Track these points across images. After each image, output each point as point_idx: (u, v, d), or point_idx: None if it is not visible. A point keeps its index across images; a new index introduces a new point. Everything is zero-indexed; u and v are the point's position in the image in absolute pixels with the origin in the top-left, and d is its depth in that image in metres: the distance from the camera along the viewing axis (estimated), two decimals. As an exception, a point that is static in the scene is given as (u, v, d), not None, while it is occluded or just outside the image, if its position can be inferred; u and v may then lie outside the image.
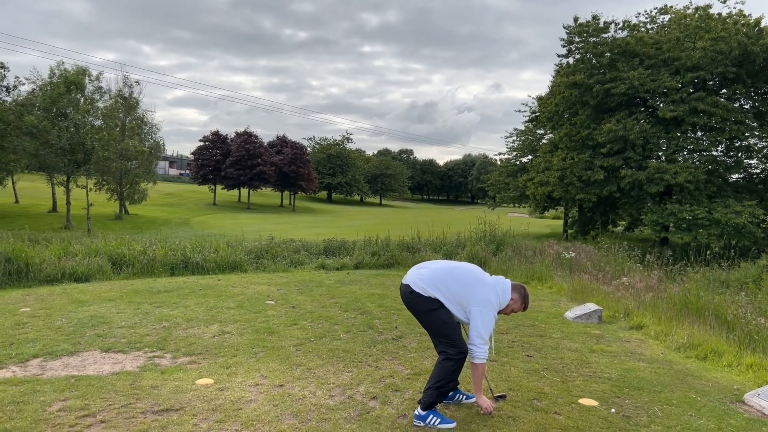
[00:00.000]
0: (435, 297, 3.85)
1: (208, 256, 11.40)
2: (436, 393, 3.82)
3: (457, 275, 3.92)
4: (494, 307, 3.87)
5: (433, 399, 3.83)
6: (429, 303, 3.86)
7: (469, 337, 3.84)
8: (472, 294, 3.83)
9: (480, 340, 3.78)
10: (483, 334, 3.78)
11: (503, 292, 3.93)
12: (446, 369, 3.81)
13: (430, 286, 3.87)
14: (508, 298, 3.94)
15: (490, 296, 3.86)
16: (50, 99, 31.12)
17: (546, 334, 6.64)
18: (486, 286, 3.90)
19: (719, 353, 5.88)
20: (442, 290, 3.85)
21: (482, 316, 3.80)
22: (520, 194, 38.75)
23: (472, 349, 3.80)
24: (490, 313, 3.83)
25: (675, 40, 27.50)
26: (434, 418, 3.83)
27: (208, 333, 6.10)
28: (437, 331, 3.91)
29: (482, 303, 3.82)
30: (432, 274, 3.93)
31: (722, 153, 29.07)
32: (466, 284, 3.87)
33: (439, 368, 3.85)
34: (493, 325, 3.86)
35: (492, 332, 3.90)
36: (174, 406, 4.02)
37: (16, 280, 9.12)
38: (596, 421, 4.03)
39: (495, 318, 3.88)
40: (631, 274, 11.02)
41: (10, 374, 4.60)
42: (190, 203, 56.97)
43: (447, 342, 3.85)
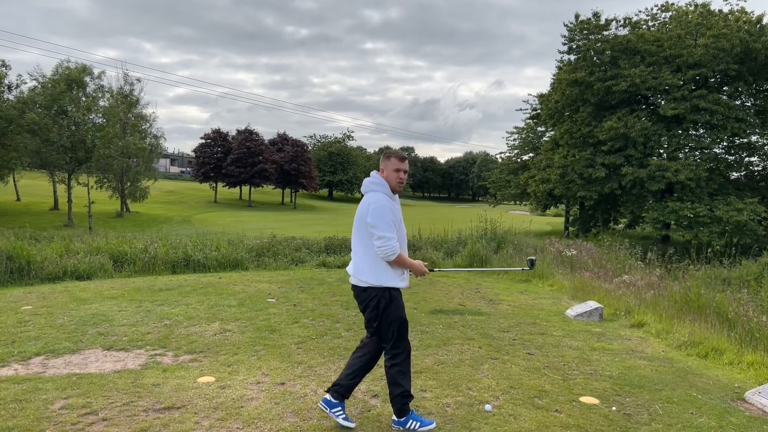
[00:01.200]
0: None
1: (209, 254, 11.41)
2: (401, 399, 3.71)
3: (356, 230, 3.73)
4: (383, 197, 3.63)
5: (402, 404, 3.71)
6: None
7: (373, 236, 3.57)
8: (364, 215, 3.62)
9: (382, 239, 3.52)
10: (381, 231, 3.51)
11: (377, 184, 3.70)
12: (393, 372, 3.74)
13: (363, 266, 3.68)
14: (381, 179, 3.70)
15: (374, 196, 3.65)
16: (51, 97, 31.15)
17: (547, 332, 6.64)
18: (366, 198, 3.70)
19: (720, 351, 5.88)
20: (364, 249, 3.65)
21: (372, 212, 3.55)
22: (521, 192, 38.78)
23: (378, 248, 3.54)
24: (378, 205, 3.55)
25: (676, 38, 27.45)
26: (413, 422, 3.72)
27: (210, 331, 6.11)
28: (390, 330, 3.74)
29: (368, 203, 3.61)
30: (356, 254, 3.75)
31: (724, 151, 29.04)
32: (361, 222, 3.66)
33: (387, 372, 3.77)
34: (388, 213, 3.55)
35: (392, 224, 3.57)
36: (176, 404, 4.02)
37: (17, 278, 9.14)
38: (597, 419, 4.04)
39: (388, 206, 3.59)
40: (633, 272, 11.02)
41: (12, 372, 4.61)
42: (191, 201, 56.99)
43: (386, 335, 3.73)
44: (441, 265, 12.64)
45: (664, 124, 27.37)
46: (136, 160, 40.00)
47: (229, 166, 58.90)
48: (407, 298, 8.41)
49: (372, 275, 3.62)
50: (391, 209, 3.61)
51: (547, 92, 34.95)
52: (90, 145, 31.60)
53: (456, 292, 9.22)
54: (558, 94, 31.75)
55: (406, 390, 3.71)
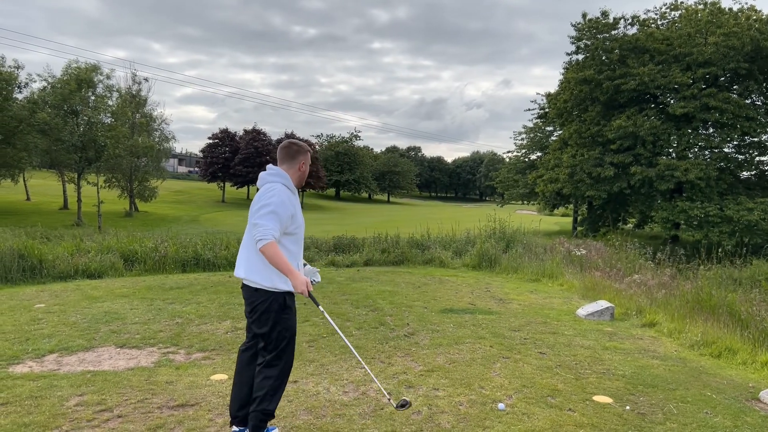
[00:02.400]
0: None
1: (218, 252, 11.45)
2: (261, 416, 3.33)
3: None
4: (274, 189, 3.26)
5: (260, 420, 3.34)
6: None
7: (250, 223, 3.25)
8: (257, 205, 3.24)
9: (256, 226, 3.13)
10: (259, 219, 3.14)
11: (273, 172, 3.37)
12: (267, 385, 3.34)
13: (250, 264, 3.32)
14: (284, 173, 3.37)
15: (270, 186, 3.30)
16: (61, 96, 31.37)
17: (558, 332, 6.62)
18: (262, 190, 3.33)
19: (733, 351, 5.84)
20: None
21: (259, 199, 3.24)
22: (529, 191, 38.68)
23: (256, 231, 3.10)
24: (270, 194, 3.21)
25: (686, 36, 27.30)
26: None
27: (221, 329, 6.13)
28: (275, 338, 3.37)
29: (260, 194, 3.29)
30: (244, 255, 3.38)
31: (734, 150, 28.86)
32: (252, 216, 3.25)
33: (260, 385, 3.34)
34: (273, 203, 3.17)
35: (281, 214, 3.18)
36: (189, 402, 4.04)
37: (30, 276, 9.21)
38: (611, 418, 4.02)
39: (284, 196, 3.24)
40: (643, 272, 10.97)
41: (27, 369, 4.65)
42: (200, 200, 57.21)
43: (278, 350, 3.36)
44: (450, 264, 12.63)
45: (674, 122, 27.22)
46: (145, 160, 40.21)
47: (236, 166, 59.07)
48: (417, 297, 8.41)
49: (267, 279, 3.24)
50: (289, 203, 3.27)
51: (556, 91, 34.83)
52: (101, 145, 31.80)
53: (466, 291, 9.20)
54: (566, 93, 31.64)
55: (271, 410, 3.35)
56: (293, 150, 3.45)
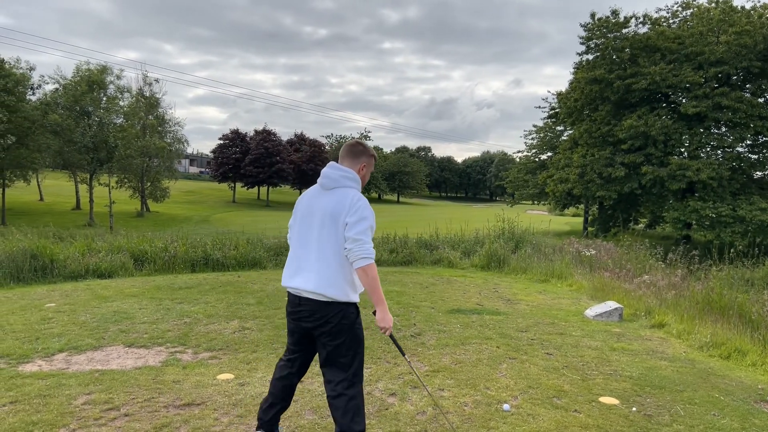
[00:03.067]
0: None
1: (228, 252, 11.50)
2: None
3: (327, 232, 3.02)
4: (362, 197, 3.07)
5: None
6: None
7: (348, 238, 2.93)
8: (342, 212, 2.98)
9: (356, 242, 2.91)
10: (359, 234, 2.92)
11: (352, 180, 3.12)
12: (353, 406, 3.08)
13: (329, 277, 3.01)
14: (356, 174, 3.15)
15: (351, 192, 3.04)
16: (73, 97, 31.69)
17: (566, 332, 6.59)
18: (338, 193, 3.06)
19: (743, 352, 5.79)
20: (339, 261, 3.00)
21: (358, 212, 2.95)
22: (539, 191, 38.52)
23: (351, 251, 2.91)
24: (364, 204, 3.00)
25: (698, 35, 27.04)
26: None
27: (229, 329, 6.17)
28: (352, 355, 3.14)
29: (353, 200, 2.99)
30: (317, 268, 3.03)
31: (747, 149, 28.55)
32: (333, 222, 3.00)
33: (343, 411, 3.08)
34: (371, 216, 3.00)
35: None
36: (196, 401, 4.07)
37: (41, 276, 9.30)
38: (617, 419, 4.00)
39: (368, 205, 3.06)
40: (653, 272, 10.89)
41: (37, 368, 4.70)
42: (210, 201, 57.53)
43: (351, 365, 3.12)
44: (458, 264, 12.62)
45: (685, 122, 26.98)
46: (157, 161, 40.51)
47: (247, 167, 59.37)
48: (424, 298, 8.41)
49: (339, 289, 3.01)
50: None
51: (566, 91, 34.66)
52: (112, 146, 32.09)
53: (474, 292, 9.19)
54: (577, 92, 31.46)
55: (362, 430, 3.07)
56: (358, 150, 3.22)
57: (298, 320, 3.15)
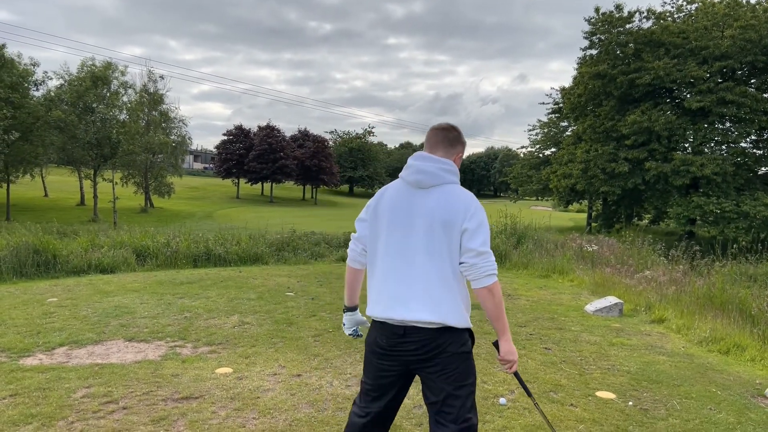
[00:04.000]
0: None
1: (230, 248, 11.54)
2: None
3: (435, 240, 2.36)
4: (472, 194, 2.45)
5: None
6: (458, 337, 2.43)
7: (466, 261, 2.35)
8: (457, 218, 2.35)
9: (487, 254, 2.35)
10: (487, 242, 2.36)
11: (454, 172, 2.49)
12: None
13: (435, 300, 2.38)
14: (454, 164, 2.52)
15: (461, 190, 2.45)
16: (77, 94, 31.76)
17: (565, 327, 6.60)
18: (449, 192, 2.42)
19: (742, 347, 5.78)
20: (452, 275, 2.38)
21: (480, 215, 2.37)
22: (543, 187, 38.47)
23: (486, 263, 2.33)
24: (476, 201, 2.43)
25: (702, 29, 26.93)
26: None
27: (229, 323, 6.20)
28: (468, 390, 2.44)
29: (469, 202, 2.40)
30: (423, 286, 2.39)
31: (751, 145, 28.45)
32: (444, 228, 2.35)
33: None
34: (486, 220, 2.43)
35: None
36: (194, 394, 4.10)
37: (44, 271, 9.35)
38: (613, 413, 4.01)
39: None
40: (655, 268, 10.87)
41: (37, 362, 4.74)
42: (214, 197, 57.63)
43: (466, 406, 2.41)
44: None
45: (689, 117, 26.89)
46: (161, 157, 40.57)
47: (250, 162, 59.35)
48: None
49: (460, 316, 2.40)
50: None
51: (570, 86, 34.57)
52: (115, 141, 32.17)
53: (474, 287, 9.19)
54: (580, 87, 31.38)
55: None
56: (453, 135, 2.56)
57: (399, 355, 2.42)
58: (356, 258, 2.69)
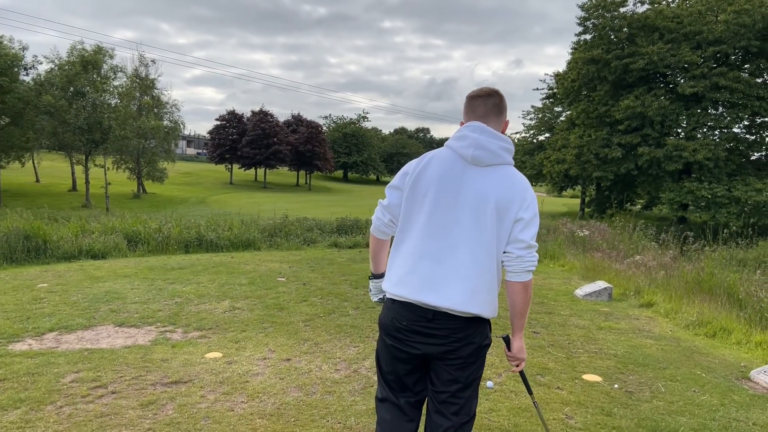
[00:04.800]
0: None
1: (222, 234, 11.53)
2: None
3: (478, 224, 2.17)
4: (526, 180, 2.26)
5: None
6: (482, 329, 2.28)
7: (511, 251, 2.18)
8: (512, 204, 2.16)
9: (533, 249, 2.21)
10: (536, 227, 2.21)
11: (506, 145, 2.22)
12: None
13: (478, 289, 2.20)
14: (507, 138, 2.24)
15: (519, 175, 2.24)
16: (67, 78, 31.44)
17: (554, 311, 6.65)
18: (507, 174, 2.21)
19: (728, 331, 5.85)
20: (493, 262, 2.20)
21: (533, 207, 2.20)
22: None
23: (531, 257, 2.19)
24: (531, 188, 2.25)
25: (697, 14, 26.86)
26: None
27: (219, 309, 6.21)
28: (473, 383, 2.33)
29: (527, 191, 2.21)
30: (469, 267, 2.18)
31: (744, 130, 28.51)
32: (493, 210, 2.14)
33: None
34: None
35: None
36: (183, 379, 4.12)
37: (34, 256, 9.33)
38: (598, 396, 4.06)
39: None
40: (645, 253, 10.94)
41: (27, 347, 4.74)
42: (207, 182, 57.42)
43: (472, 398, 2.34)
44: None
45: (683, 102, 26.91)
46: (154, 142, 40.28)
47: (244, 148, 59.09)
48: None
49: (490, 304, 2.23)
50: None
51: (564, 71, 34.49)
52: (106, 126, 31.91)
53: (466, 272, 9.23)
54: (574, 73, 31.31)
55: None
56: (502, 103, 2.31)
57: (420, 342, 2.23)
58: (381, 228, 2.44)
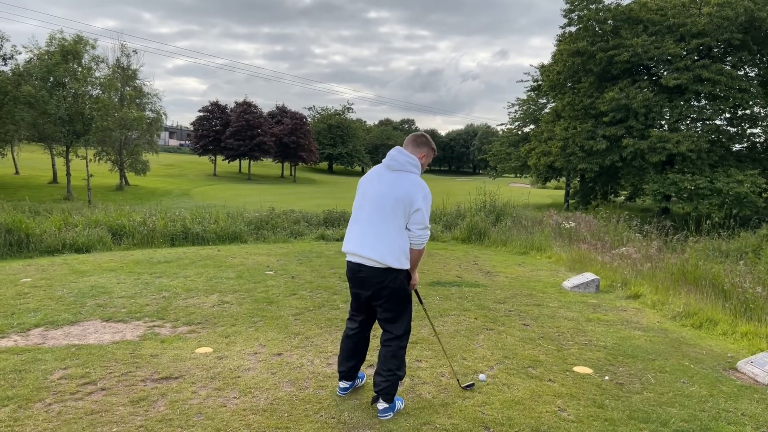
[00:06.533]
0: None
1: (208, 227, 11.43)
2: (402, 377, 3.63)
3: (391, 211, 3.44)
4: (426, 186, 3.53)
5: (395, 388, 3.57)
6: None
7: (413, 230, 3.46)
8: (410, 199, 3.41)
9: (427, 229, 3.49)
10: (427, 221, 3.50)
11: (414, 165, 3.55)
12: (405, 350, 3.65)
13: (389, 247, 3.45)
14: (419, 163, 3.59)
15: (418, 181, 3.50)
16: (47, 68, 30.84)
17: (543, 304, 6.69)
18: (406, 179, 3.49)
19: (715, 322, 5.93)
20: (396, 236, 3.44)
21: (426, 203, 3.46)
22: (521, 164, 38.67)
23: (421, 237, 3.47)
24: (429, 193, 3.51)
25: (680, 6, 27.06)
26: (398, 402, 3.67)
27: (208, 303, 6.15)
28: (408, 312, 3.65)
29: (422, 192, 3.45)
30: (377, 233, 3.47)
31: (726, 122, 28.83)
32: (400, 205, 3.42)
33: (400, 352, 3.60)
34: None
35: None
36: (173, 374, 4.07)
37: (16, 251, 9.18)
38: (589, 388, 4.09)
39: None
40: (630, 244, 11.04)
41: (12, 343, 4.66)
42: (191, 174, 56.85)
43: (406, 323, 3.62)
44: (439, 237, 12.67)
45: (666, 94, 27.12)
46: (136, 133, 39.72)
47: (227, 139, 58.55)
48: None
49: (397, 261, 3.45)
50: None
51: (549, 63, 34.58)
52: (88, 117, 31.38)
53: (454, 264, 9.25)
54: (560, 65, 31.39)
55: (403, 375, 3.66)
56: (421, 141, 3.69)
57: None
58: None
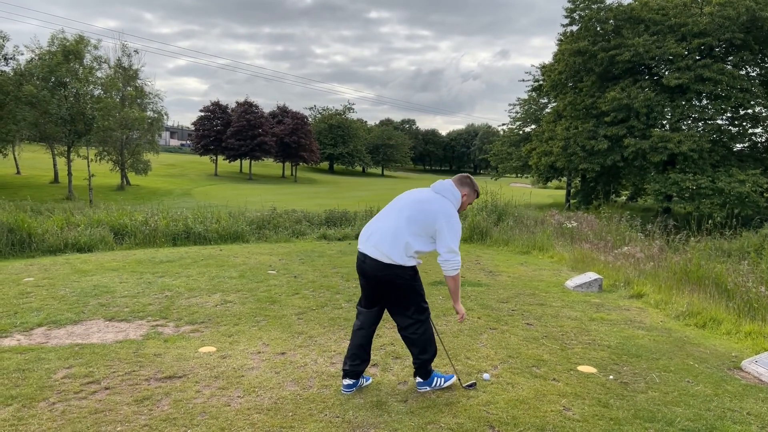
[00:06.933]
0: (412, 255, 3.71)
1: (210, 226, 11.43)
2: (428, 359, 3.87)
3: (407, 218, 3.70)
4: (455, 214, 3.73)
5: (428, 366, 3.90)
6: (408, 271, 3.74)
7: (441, 253, 3.68)
8: (432, 216, 3.65)
9: (453, 253, 3.65)
10: (454, 246, 3.64)
11: (452, 194, 3.78)
12: (427, 334, 3.85)
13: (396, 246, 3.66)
14: (459, 196, 3.82)
15: (447, 206, 3.71)
16: (48, 68, 30.86)
17: (546, 303, 6.67)
18: (438, 200, 3.74)
19: (718, 321, 5.92)
20: (408, 239, 3.65)
21: (450, 227, 3.63)
22: (523, 164, 38.64)
23: (447, 262, 3.66)
24: (456, 220, 3.68)
25: (682, 6, 27.01)
26: (438, 379, 3.95)
27: (211, 302, 6.15)
28: (415, 302, 3.82)
29: (446, 215, 3.66)
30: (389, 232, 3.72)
31: (727, 122, 28.77)
32: (421, 216, 3.67)
33: (418, 339, 3.82)
34: (460, 232, 3.72)
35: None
36: (177, 374, 4.07)
37: (19, 250, 9.18)
38: (594, 387, 4.07)
39: (459, 222, 3.75)
40: (632, 244, 11.03)
41: (15, 342, 4.65)
42: (192, 174, 56.89)
43: (420, 308, 3.83)
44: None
45: (668, 94, 27.08)
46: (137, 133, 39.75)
47: (228, 139, 58.58)
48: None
49: (400, 257, 3.64)
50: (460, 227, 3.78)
51: (550, 63, 34.55)
52: (89, 117, 31.40)
53: (456, 264, 9.23)
54: (561, 64, 31.35)
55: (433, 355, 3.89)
56: (465, 182, 3.93)
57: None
58: None
